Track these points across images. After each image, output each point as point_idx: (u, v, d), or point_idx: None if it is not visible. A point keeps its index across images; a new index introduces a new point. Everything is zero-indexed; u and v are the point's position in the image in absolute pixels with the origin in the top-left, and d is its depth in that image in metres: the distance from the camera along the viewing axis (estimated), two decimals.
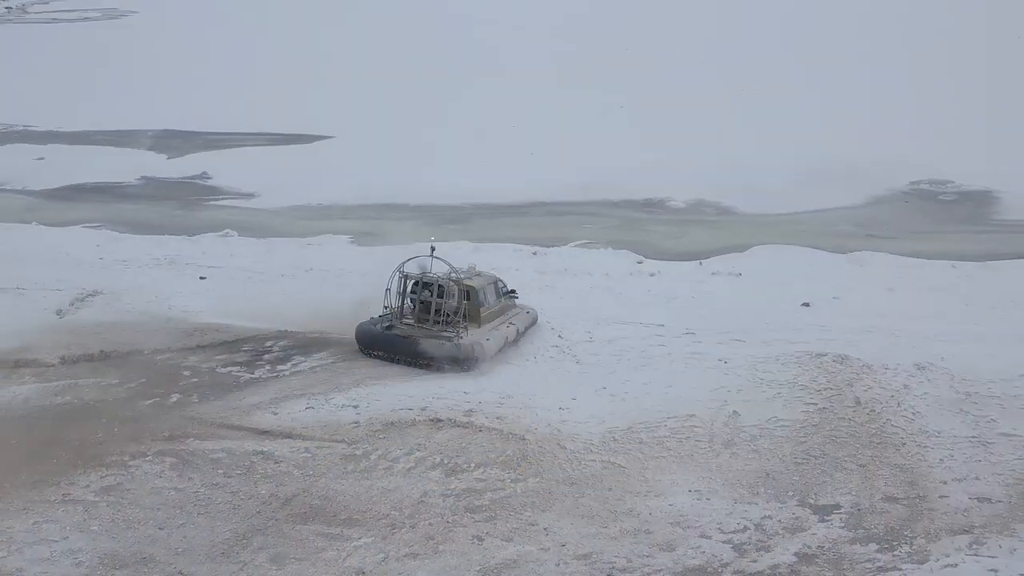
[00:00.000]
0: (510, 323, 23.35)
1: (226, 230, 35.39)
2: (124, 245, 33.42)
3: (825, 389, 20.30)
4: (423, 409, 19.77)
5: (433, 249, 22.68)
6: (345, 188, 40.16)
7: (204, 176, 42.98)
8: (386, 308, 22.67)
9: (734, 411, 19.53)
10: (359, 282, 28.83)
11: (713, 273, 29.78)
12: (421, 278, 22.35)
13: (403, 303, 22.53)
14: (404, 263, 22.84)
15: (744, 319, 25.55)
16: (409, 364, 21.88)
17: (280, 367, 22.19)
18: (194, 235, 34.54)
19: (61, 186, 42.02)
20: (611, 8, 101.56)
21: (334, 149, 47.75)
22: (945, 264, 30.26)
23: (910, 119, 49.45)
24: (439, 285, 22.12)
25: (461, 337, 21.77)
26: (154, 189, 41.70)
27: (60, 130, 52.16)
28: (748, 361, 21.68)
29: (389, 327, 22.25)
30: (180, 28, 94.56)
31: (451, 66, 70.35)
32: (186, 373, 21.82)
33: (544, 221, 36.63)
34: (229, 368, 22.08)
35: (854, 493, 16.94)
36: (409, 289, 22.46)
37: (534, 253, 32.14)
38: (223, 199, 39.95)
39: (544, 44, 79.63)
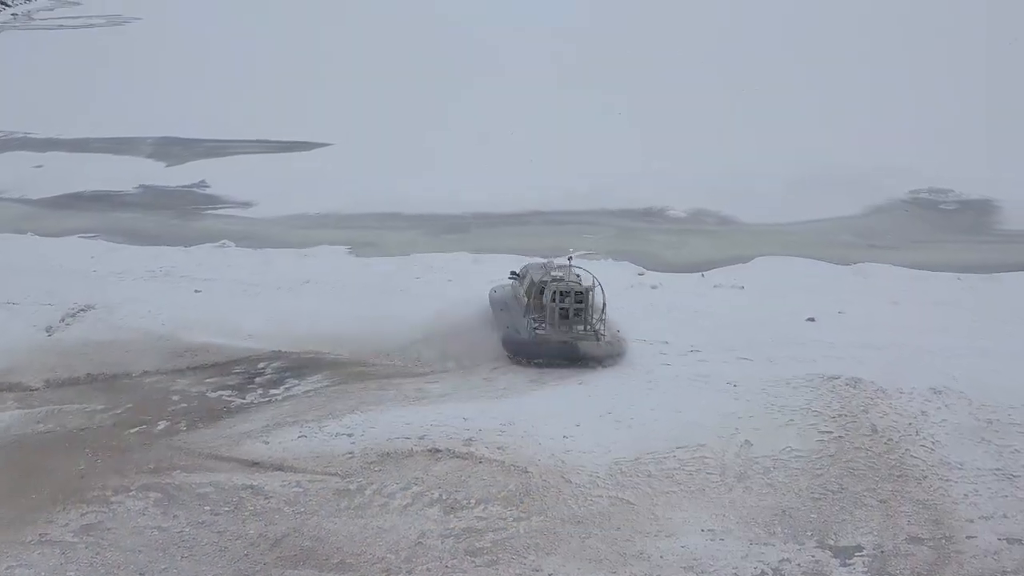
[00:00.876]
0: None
1: (223, 240, 33.91)
2: (119, 256, 31.92)
3: (839, 415, 18.83)
4: (421, 438, 18.28)
5: (571, 259, 22.81)
6: (343, 197, 38.63)
7: (202, 185, 41.40)
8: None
9: (746, 440, 18.07)
10: (357, 296, 27.64)
11: (715, 286, 28.34)
12: (562, 286, 22.14)
13: (556, 310, 22.14)
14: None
15: (749, 335, 24.10)
16: (569, 367, 21.65)
17: (272, 391, 20.70)
18: (190, 246, 33.05)
19: (59, 195, 40.42)
20: (610, 11, 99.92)
21: (332, 157, 46.16)
22: (949, 276, 28.84)
23: (909, 125, 47.91)
24: (586, 290, 22.10)
25: (603, 335, 21.91)
26: (152, 198, 40.14)
27: (60, 137, 50.47)
28: (758, 384, 20.20)
29: (539, 334, 21.94)
30: (183, 34, 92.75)
31: (449, 70, 68.77)
32: (175, 398, 20.32)
33: (543, 230, 35.15)
34: (219, 392, 20.58)
35: (876, 533, 15.49)
36: (550, 297, 22.18)
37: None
38: (220, 208, 38.40)
39: (543, 47, 77.99)
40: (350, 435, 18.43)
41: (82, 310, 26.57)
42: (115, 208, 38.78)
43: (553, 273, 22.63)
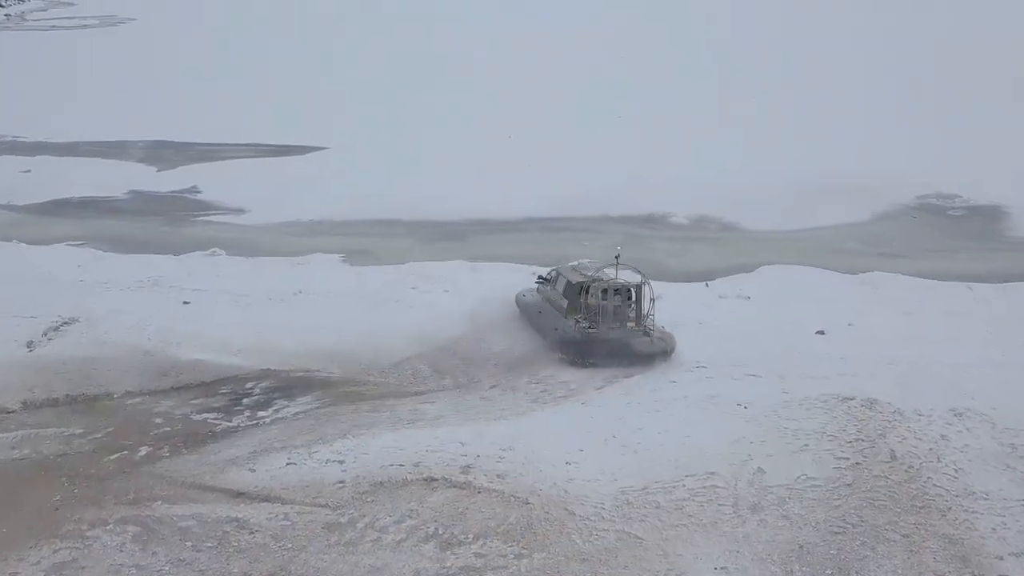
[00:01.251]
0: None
1: (213, 248, 32.87)
2: (107, 265, 30.84)
3: (856, 440, 17.77)
4: (416, 465, 17.19)
5: (618, 257, 22.55)
6: (337, 202, 37.61)
7: (194, 190, 40.33)
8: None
9: (759, 468, 17.00)
10: (350, 307, 26.57)
11: (720, 296, 27.35)
12: (613, 283, 22.17)
13: (611, 308, 22.11)
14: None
15: (756, 349, 23.12)
16: (623, 365, 21.44)
17: (260, 413, 19.60)
18: (180, 254, 32.03)
19: (47, 200, 39.39)
20: (609, 14, 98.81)
21: (328, 161, 45.15)
22: (961, 286, 27.91)
23: (913, 130, 47.03)
24: (637, 287, 22.18)
25: (652, 331, 21.87)
26: (142, 203, 39.07)
27: (50, 141, 49.40)
28: (769, 405, 19.13)
29: (591, 334, 21.75)
30: (177, 35, 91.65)
31: (446, 74, 67.76)
32: (158, 421, 19.21)
33: (542, 238, 34.16)
34: (205, 415, 19.48)
35: (900, 571, 14.45)
36: (600, 295, 22.15)
37: (533, 273, 29.53)
38: (212, 215, 37.32)
39: (541, 49, 76.90)
40: (341, 462, 17.34)
41: (66, 323, 25.44)
42: (104, 214, 37.69)
43: (590, 272, 22.98)
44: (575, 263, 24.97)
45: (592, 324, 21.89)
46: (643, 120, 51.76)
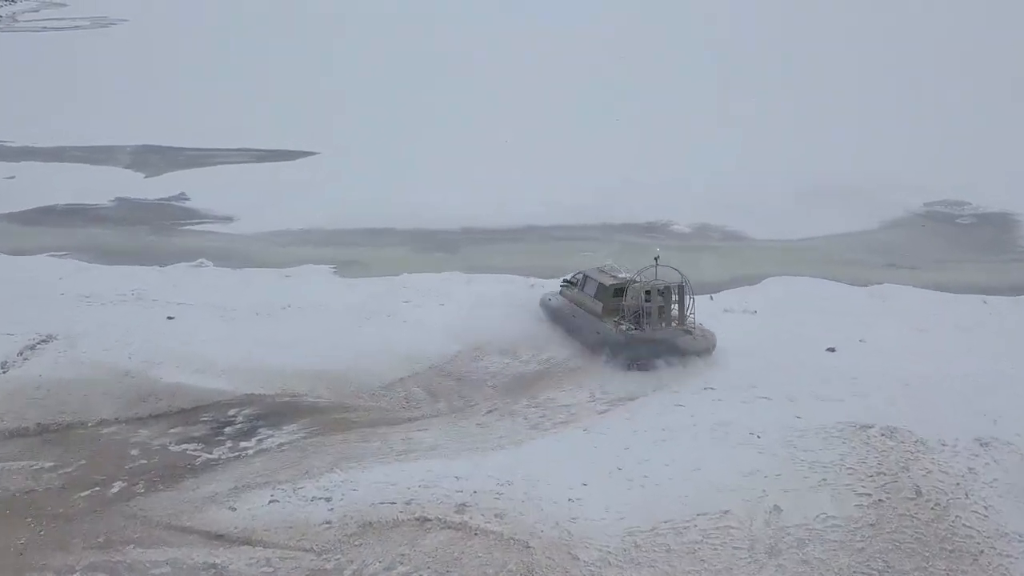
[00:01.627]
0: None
1: (200, 259, 31.64)
2: (89, 277, 29.60)
3: (877, 474, 16.59)
4: (407, 503, 15.98)
5: (657, 259, 22.37)
6: (328, 210, 36.33)
7: (181, 197, 39.03)
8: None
9: (775, 505, 15.81)
10: (340, 323, 25.36)
11: (726, 310, 26.10)
12: (656, 285, 22.05)
13: (655, 309, 22.01)
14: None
15: (765, 368, 21.99)
16: (669, 364, 21.47)
17: (243, 443, 18.35)
18: (165, 265, 30.83)
19: (30, 208, 38.07)
20: (606, 17, 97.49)
21: (319, 166, 43.85)
22: (975, 299, 26.75)
23: (919, 135, 45.73)
24: (679, 287, 22.19)
25: (693, 329, 21.91)
26: (127, 211, 37.76)
27: (35, 146, 48.05)
28: (783, 434, 17.96)
29: (637, 334, 21.73)
30: (169, 37, 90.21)
31: (446, 74, 66.54)
32: (134, 452, 17.97)
33: (539, 248, 32.93)
34: (184, 445, 18.23)
35: None
36: (643, 296, 22.10)
37: (532, 286, 28.40)
38: (199, 223, 36.03)
39: (540, 50, 75.62)
40: (328, 499, 16.13)
41: (43, 341, 24.24)
42: (89, 223, 36.39)
43: (623, 275, 23.25)
44: (600, 266, 24.89)
45: (635, 325, 21.83)
46: (642, 121, 50.56)
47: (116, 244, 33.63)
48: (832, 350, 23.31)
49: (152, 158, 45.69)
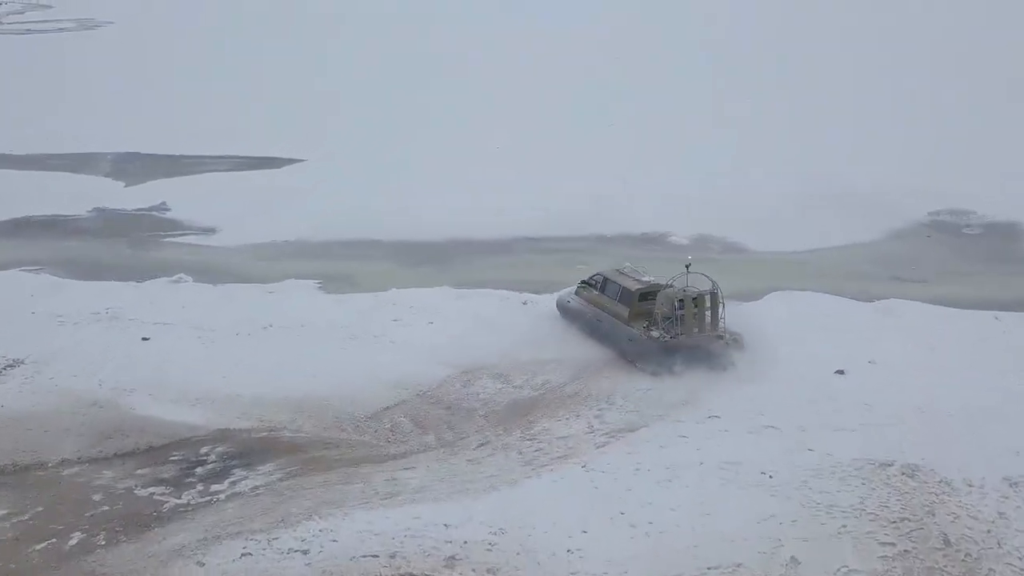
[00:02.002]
0: None
1: (179, 274, 30.16)
2: (62, 295, 28.08)
3: (901, 520, 15.23)
4: (392, 556, 14.55)
5: (688, 266, 22.32)
6: (314, 220, 34.83)
7: (162, 208, 37.44)
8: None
9: (792, 557, 14.44)
10: (324, 344, 23.94)
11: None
12: (690, 292, 21.98)
13: (690, 315, 21.92)
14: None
15: (772, 394, 20.72)
16: (703, 369, 21.38)
17: (215, 486, 16.89)
18: (143, 280, 29.35)
19: (4, 220, 36.45)
20: (602, 21, 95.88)
21: (305, 174, 42.29)
22: (986, 315, 25.44)
23: (920, 141, 44.28)
24: (712, 294, 22.14)
25: (725, 335, 21.91)
26: (106, 223, 36.18)
27: (12, 153, 46.33)
28: (798, 474, 16.58)
29: (672, 341, 21.68)
30: (156, 40, 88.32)
31: (436, 79, 64.99)
32: (96, 497, 16.50)
33: (531, 260, 31.52)
34: (151, 489, 16.77)
35: None
36: (676, 304, 22.02)
37: (524, 303, 27.04)
38: (180, 235, 34.47)
39: (532, 54, 74.12)
40: (306, 552, 14.69)
41: (10, 365, 22.87)
42: (65, 236, 34.81)
43: (647, 279, 23.47)
44: (619, 268, 24.83)
45: (668, 332, 21.78)
46: (638, 123, 49.03)
47: (92, 258, 32.10)
48: (841, 372, 22.01)
49: (134, 166, 44.05)
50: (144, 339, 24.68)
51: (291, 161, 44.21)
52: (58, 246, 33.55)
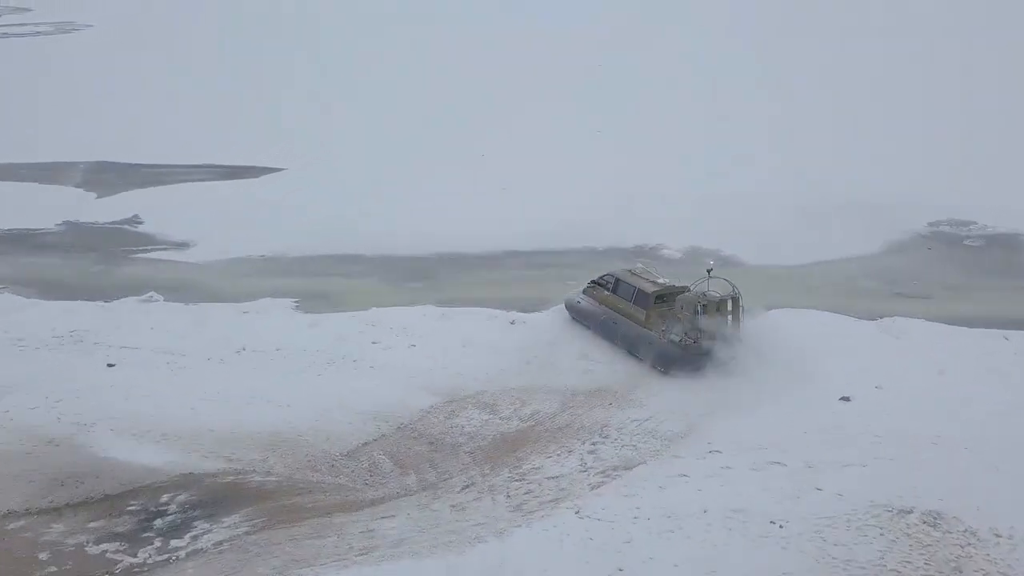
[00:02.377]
0: None
1: (149, 293, 28.55)
2: (25, 316, 26.45)
3: None
4: None
5: (710, 271, 22.22)
6: (292, 234, 33.20)
7: (135, 221, 35.71)
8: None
9: None
10: (300, 370, 22.46)
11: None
12: (713, 298, 21.76)
13: (711, 322, 21.65)
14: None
15: (775, 424, 19.49)
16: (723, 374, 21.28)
17: (174, 542, 15.33)
18: (111, 300, 27.73)
19: None
20: (598, 24, 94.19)
21: (284, 184, 40.59)
22: (995, 335, 24.15)
23: (920, 150, 42.82)
24: (734, 299, 22.01)
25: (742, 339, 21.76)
26: (75, 237, 34.43)
27: None
28: (810, 523, 15.18)
29: (694, 346, 21.49)
30: (135, 43, 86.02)
31: (416, 88, 63.33)
32: (43, 557, 14.92)
33: (520, 275, 30.04)
34: (104, 545, 15.19)
35: None
36: (699, 309, 21.72)
37: (512, 322, 25.59)
38: (152, 250, 32.76)
39: (515, 63, 72.49)
40: None
41: None
42: (32, 251, 33.07)
43: (662, 280, 23.28)
44: (631, 268, 24.47)
45: (689, 336, 21.47)
46: (630, 138, 47.44)
47: (59, 276, 30.41)
48: (847, 399, 20.72)
49: (106, 176, 42.23)
50: (110, 365, 23.20)
51: (270, 170, 42.49)
52: (23, 263, 31.84)
